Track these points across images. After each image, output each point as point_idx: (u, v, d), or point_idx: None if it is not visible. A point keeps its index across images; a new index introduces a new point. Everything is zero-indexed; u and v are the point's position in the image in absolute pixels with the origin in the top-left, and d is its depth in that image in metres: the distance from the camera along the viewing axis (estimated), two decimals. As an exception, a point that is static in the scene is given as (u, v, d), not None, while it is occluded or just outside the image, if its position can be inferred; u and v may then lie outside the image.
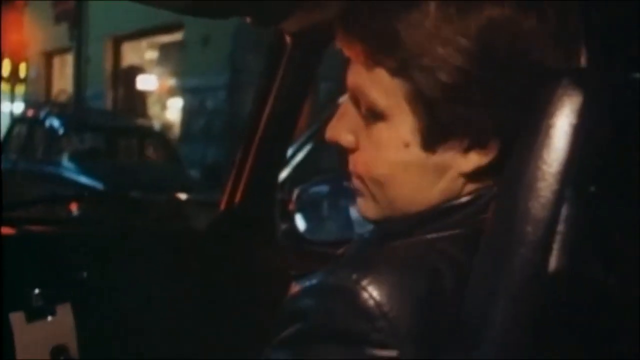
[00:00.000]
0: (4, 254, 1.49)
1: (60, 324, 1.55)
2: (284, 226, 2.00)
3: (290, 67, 1.76)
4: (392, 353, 0.74)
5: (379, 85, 0.85)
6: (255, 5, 1.43)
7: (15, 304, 1.49)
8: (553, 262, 0.70)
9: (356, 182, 0.93)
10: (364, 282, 0.76)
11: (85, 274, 1.61)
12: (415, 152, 0.85)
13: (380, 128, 0.86)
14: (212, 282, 1.79)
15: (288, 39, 1.73)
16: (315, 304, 0.79)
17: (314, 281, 0.82)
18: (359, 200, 0.94)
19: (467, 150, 0.84)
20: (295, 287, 0.91)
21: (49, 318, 1.53)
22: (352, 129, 0.90)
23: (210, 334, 1.76)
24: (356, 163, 0.91)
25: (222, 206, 1.91)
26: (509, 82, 0.79)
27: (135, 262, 1.73)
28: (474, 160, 0.83)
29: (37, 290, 1.52)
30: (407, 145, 0.85)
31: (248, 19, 1.52)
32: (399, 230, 0.86)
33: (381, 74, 0.84)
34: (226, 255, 1.86)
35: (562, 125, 0.72)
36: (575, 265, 0.70)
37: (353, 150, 0.91)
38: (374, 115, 0.86)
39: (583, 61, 0.83)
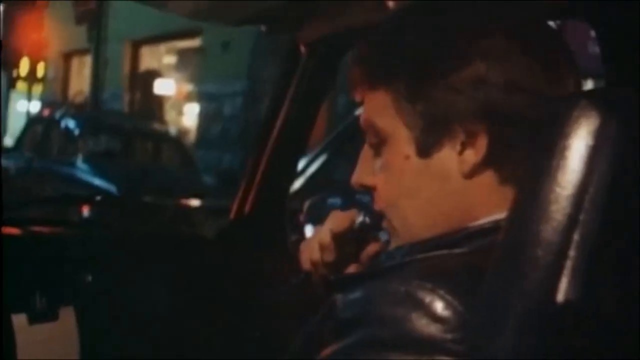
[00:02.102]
0: (7, 254, 1.48)
1: (63, 327, 1.54)
2: (294, 237, 2.00)
3: (304, 77, 1.76)
4: None
5: (377, 108, 0.93)
6: (269, 13, 1.43)
7: (18, 305, 1.48)
8: (563, 288, 0.67)
9: (384, 223, 0.98)
10: (441, 291, 0.76)
11: (89, 277, 1.60)
12: (415, 161, 0.90)
13: (386, 152, 0.93)
14: (217, 290, 1.78)
15: (303, 48, 1.72)
16: (385, 311, 0.78)
17: (375, 289, 0.81)
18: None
19: (461, 151, 0.87)
20: (343, 295, 0.87)
21: (52, 321, 1.52)
22: (372, 170, 0.96)
23: (214, 342, 1.75)
24: (375, 199, 0.96)
25: (232, 215, 1.91)
26: (500, 101, 0.86)
27: (140, 267, 1.72)
28: (470, 159, 0.87)
29: (40, 293, 1.51)
30: (407, 158, 0.90)
31: (263, 27, 1.52)
32: (443, 243, 0.87)
33: (378, 97, 0.92)
34: (233, 264, 1.85)
35: (578, 147, 0.69)
36: (585, 292, 0.68)
37: (375, 189, 0.96)
38: (379, 141, 0.93)
39: (571, 86, 0.89)
